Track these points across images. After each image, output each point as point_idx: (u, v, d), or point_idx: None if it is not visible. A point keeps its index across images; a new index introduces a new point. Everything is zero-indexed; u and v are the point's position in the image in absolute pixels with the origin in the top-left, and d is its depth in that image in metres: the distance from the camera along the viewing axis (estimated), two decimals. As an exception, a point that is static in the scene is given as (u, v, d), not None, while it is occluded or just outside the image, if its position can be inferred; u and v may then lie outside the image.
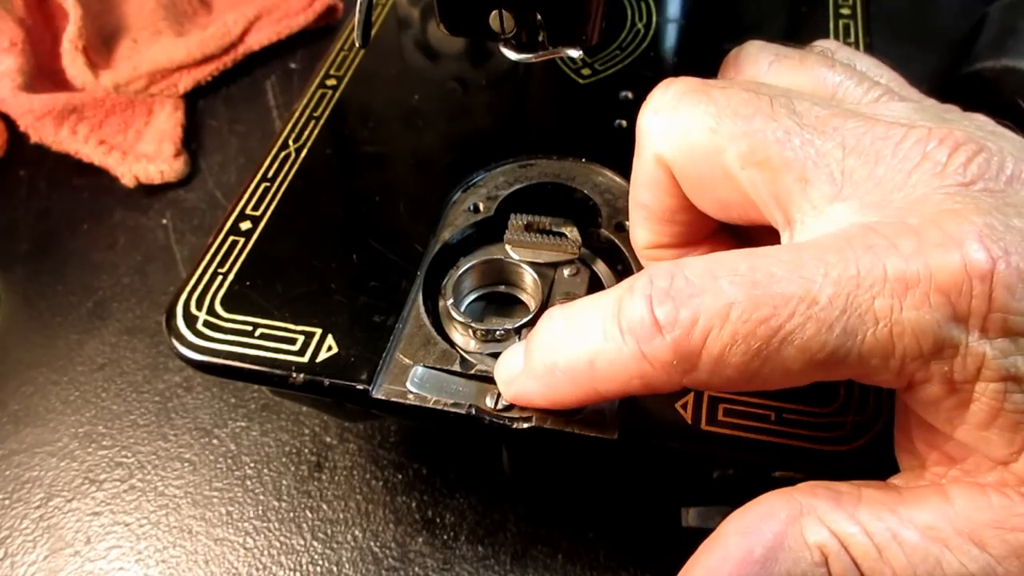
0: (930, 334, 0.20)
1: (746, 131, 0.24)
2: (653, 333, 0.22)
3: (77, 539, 0.37)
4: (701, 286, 0.22)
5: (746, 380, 0.22)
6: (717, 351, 0.21)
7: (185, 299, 0.32)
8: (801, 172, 0.23)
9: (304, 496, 0.37)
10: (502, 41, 0.31)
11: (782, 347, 0.21)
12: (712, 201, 0.26)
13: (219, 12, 0.61)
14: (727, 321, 0.21)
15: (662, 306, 0.22)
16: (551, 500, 0.37)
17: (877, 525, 0.22)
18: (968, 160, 0.22)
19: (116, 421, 0.41)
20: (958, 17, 0.56)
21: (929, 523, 0.22)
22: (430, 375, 0.30)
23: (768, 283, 0.21)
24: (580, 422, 0.28)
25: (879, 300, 0.20)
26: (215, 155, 0.53)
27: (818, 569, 0.22)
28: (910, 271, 0.20)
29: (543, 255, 0.34)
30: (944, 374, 0.21)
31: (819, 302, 0.21)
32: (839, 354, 0.21)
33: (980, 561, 0.21)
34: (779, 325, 0.21)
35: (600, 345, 0.24)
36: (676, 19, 0.45)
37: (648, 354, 0.22)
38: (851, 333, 0.21)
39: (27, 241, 0.49)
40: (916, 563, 0.21)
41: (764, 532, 0.22)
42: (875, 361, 0.21)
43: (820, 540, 0.22)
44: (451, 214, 0.36)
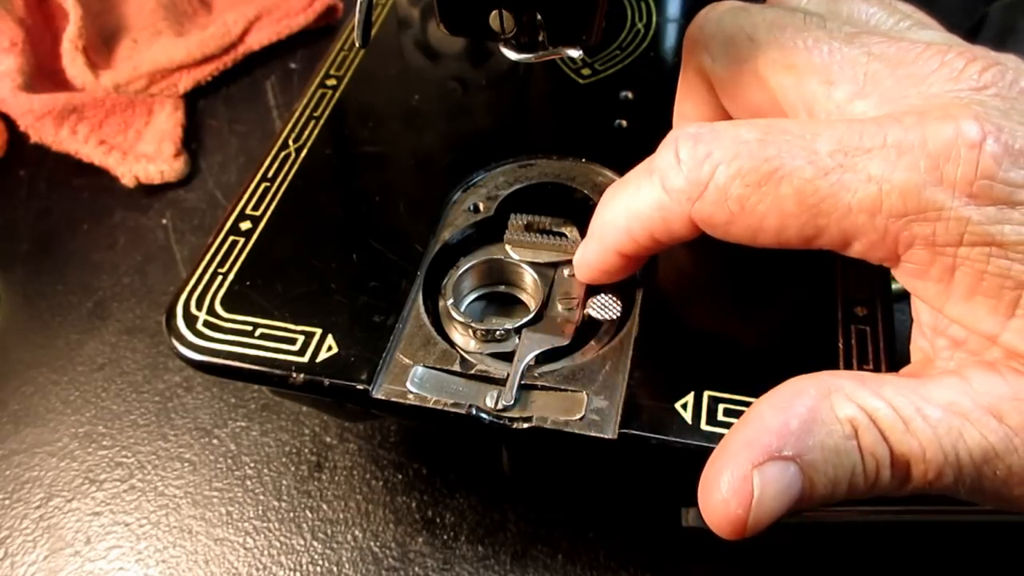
0: (915, 194, 0.22)
1: (779, 40, 0.27)
2: (673, 165, 0.25)
3: (77, 539, 0.37)
4: (722, 132, 0.24)
5: (744, 215, 0.24)
6: (722, 181, 0.24)
7: (185, 299, 0.32)
8: (827, 75, 0.26)
9: (304, 496, 0.37)
10: (502, 41, 0.31)
11: (780, 184, 0.23)
12: (746, 109, 0.29)
13: (219, 12, 0.61)
14: (736, 157, 0.24)
15: (685, 145, 0.25)
16: (551, 500, 0.37)
17: (902, 400, 0.23)
18: (983, 69, 0.24)
19: (116, 421, 0.41)
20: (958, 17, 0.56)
21: (950, 399, 0.23)
22: (430, 375, 0.30)
23: (780, 132, 0.24)
24: (580, 422, 0.28)
25: (874, 162, 0.22)
26: (215, 155, 0.53)
27: (849, 441, 0.22)
28: (906, 139, 0.22)
29: (543, 255, 0.34)
30: (927, 236, 0.22)
31: (820, 153, 0.23)
32: (829, 202, 0.23)
33: (999, 432, 0.22)
34: (781, 163, 0.23)
35: (635, 191, 0.27)
36: (676, 19, 0.45)
37: (666, 185, 0.25)
38: (844, 185, 0.22)
39: (27, 241, 0.49)
40: (941, 435, 0.22)
41: (798, 407, 0.23)
42: (862, 217, 0.22)
43: (850, 414, 0.23)
44: (451, 214, 0.36)
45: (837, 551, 0.35)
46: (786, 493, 0.22)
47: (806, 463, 0.22)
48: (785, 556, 0.35)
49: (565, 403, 0.29)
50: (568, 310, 0.33)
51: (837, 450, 0.22)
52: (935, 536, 0.35)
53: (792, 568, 0.35)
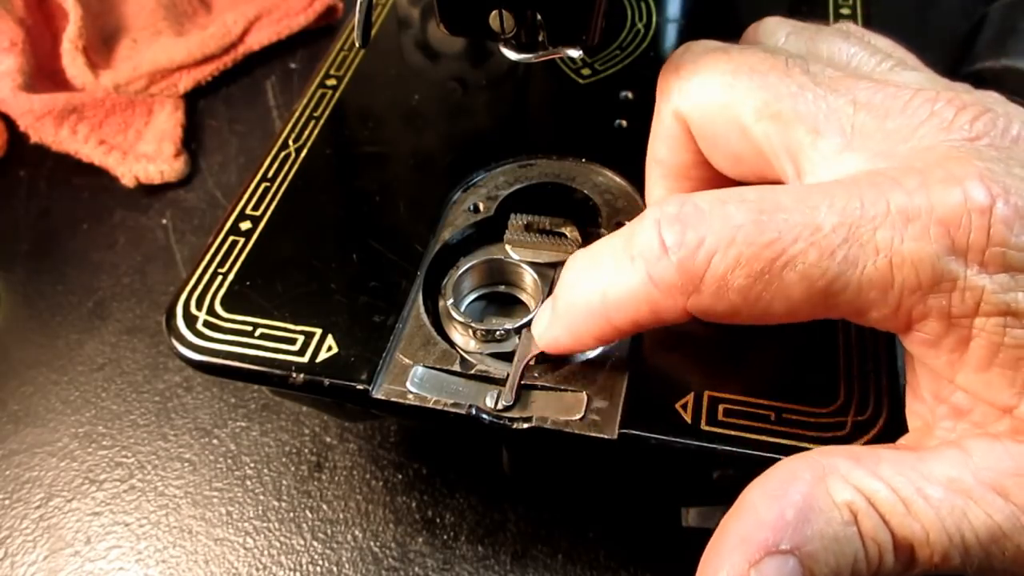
0: (928, 265, 0.21)
1: (761, 85, 0.25)
2: (660, 255, 0.23)
3: (77, 539, 0.37)
4: (709, 211, 0.23)
5: (748, 306, 0.22)
6: (721, 272, 0.22)
7: (185, 299, 0.32)
8: (813, 124, 0.24)
9: (304, 496, 0.37)
10: (502, 41, 0.31)
11: (785, 271, 0.22)
12: (726, 156, 0.27)
13: (219, 12, 0.61)
14: (732, 243, 0.22)
15: (670, 229, 0.23)
16: (551, 500, 0.37)
17: (900, 480, 0.22)
18: (974, 118, 0.23)
19: (116, 421, 0.41)
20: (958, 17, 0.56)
21: (951, 476, 0.22)
22: (430, 375, 0.30)
23: (774, 210, 0.22)
24: (580, 422, 0.28)
25: (881, 231, 0.21)
26: (215, 155, 0.53)
27: (849, 528, 0.21)
28: (912, 205, 0.21)
29: (543, 255, 0.34)
30: (942, 308, 0.21)
31: (823, 229, 0.21)
32: (839, 283, 0.21)
33: (1005, 511, 0.21)
34: (783, 249, 0.21)
35: (612, 274, 0.24)
36: (676, 19, 0.45)
37: (654, 276, 0.23)
38: (852, 262, 0.21)
39: (27, 241, 0.49)
40: (943, 516, 0.21)
41: (792, 494, 0.22)
42: (874, 293, 0.21)
43: (847, 498, 0.22)
44: (451, 214, 0.36)
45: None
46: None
47: (805, 555, 0.21)
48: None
49: (565, 403, 0.29)
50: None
51: (837, 538, 0.21)
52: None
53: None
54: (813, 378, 0.29)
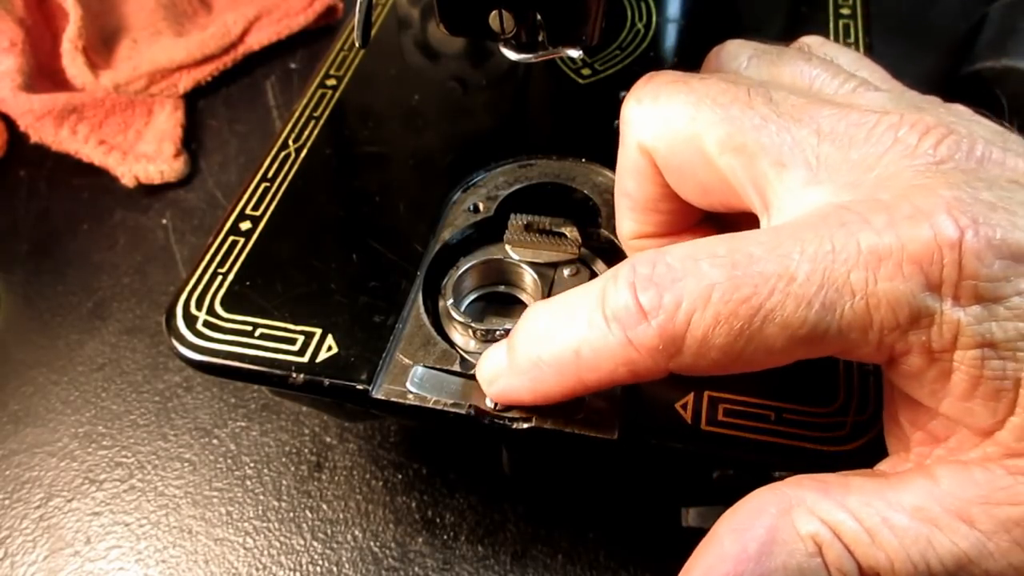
0: (905, 304, 0.21)
1: (724, 118, 0.25)
2: (638, 319, 0.23)
3: (77, 539, 0.37)
4: (683, 270, 0.23)
5: (731, 360, 0.22)
6: (701, 333, 0.22)
7: (185, 299, 0.32)
8: (777, 157, 0.24)
9: (304, 496, 0.37)
10: (502, 41, 0.31)
11: (764, 325, 0.22)
12: (693, 188, 0.27)
13: (219, 12, 0.61)
14: (709, 303, 0.22)
15: (646, 292, 0.23)
16: (551, 500, 0.37)
17: (867, 511, 0.22)
18: (938, 142, 0.23)
19: (116, 421, 0.41)
20: (958, 17, 0.56)
21: (917, 504, 0.22)
22: (430, 375, 0.30)
23: (747, 263, 0.22)
24: (580, 422, 0.28)
25: (854, 273, 0.21)
26: (215, 155, 0.53)
27: (813, 559, 0.22)
28: (883, 244, 0.21)
29: (543, 255, 0.34)
30: (923, 344, 0.21)
31: (797, 279, 0.21)
32: (819, 329, 0.21)
33: (970, 538, 0.21)
34: (760, 304, 0.22)
35: (585, 334, 0.24)
36: (676, 19, 0.45)
37: (634, 340, 0.23)
38: (829, 307, 0.21)
39: (27, 241, 0.49)
40: (908, 545, 0.21)
41: (756, 528, 0.22)
42: (854, 335, 0.21)
43: (812, 530, 0.22)
44: (451, 214, 0.36)
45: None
46: None
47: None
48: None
49: (565, 403, 0.29)
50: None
51: (801, 570, 0.22)
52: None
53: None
54: (813, 378, 0.29)
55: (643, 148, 0.28)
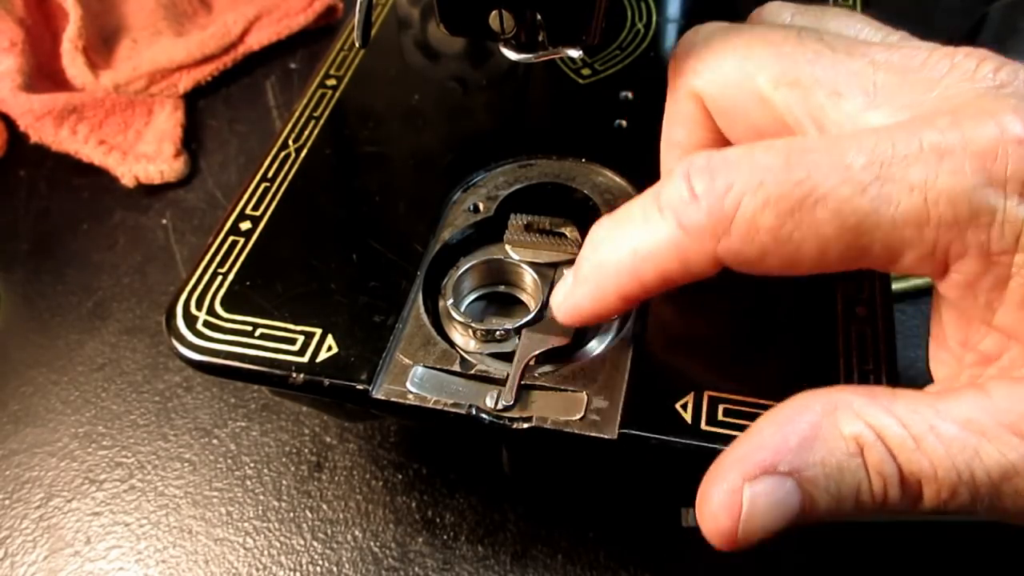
0: (965, 199, 0.20)
1: (777, 55, 0.25)
2: (690, 202, 0.23)
3: (77, 539, 0.37)
4: (737, 159, 0.22)
5: (779, 246, 0.22)
6: (750, 213, 0.22)
7: (185, 299, 0.32)
8: (833, 87, 0.24)
9: (304, 496, 0.37)
10: (502, 41, 0.31)
11: (816, 208, 0.21)
12: (746, 130, 0.27)
13: (219, 12, 0.61)
14: (761, 185, 0.22)
15: (699, 178, 0.23)
16: (551, 500, 0.37)
17: (914, 418, 0.22)
18: (996, 69, 0.23)
19: (116, 421, 0.41)
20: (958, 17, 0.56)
21: (967, 416, 0.21)
22: (430, 375, 0.30)
23: (803, 152, 0.22)
24: (580, 422, 0.28)
25: (914, 168, 0.21)
26: (215, 155, 0.53)
27: (853, 459, 0.22)
28: (945, 141, 0.21)
29: (543, 255, 0.34)
30: (981, 245, 0.21)
31: (853, 168, 0.21)
32: (872, 220, 0.21)
33: (1020, 450, 0.21)
34: (813, 187, 0.21)
35: (641, 229, 0.24)
36: (676, 19, 0.45)
37: (684, 223, 0.23)
38: (885, 199, 0.21)
39: (27, 241, 0.49)
40: (954, 454, 0.21)
41: (799, 423, 0.22)
42: (908, 231, 0.21)
43: (856, 431, 0.22)
44: (451, 214, 0.36)
45: (837, 551, 0.35)
46: (780, 508, 0.22)
47: (805, 479, 0.22)
48: (785, 556, 0.35)
49: (565, 403, 0.29)
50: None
51: (840, 468, 0.22)
52: (935, 536, 0.35)
53: (792, 568, 0.35)
54: (813, 378, 0.28)
55: (694, 94, 0.28)
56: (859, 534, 0.35)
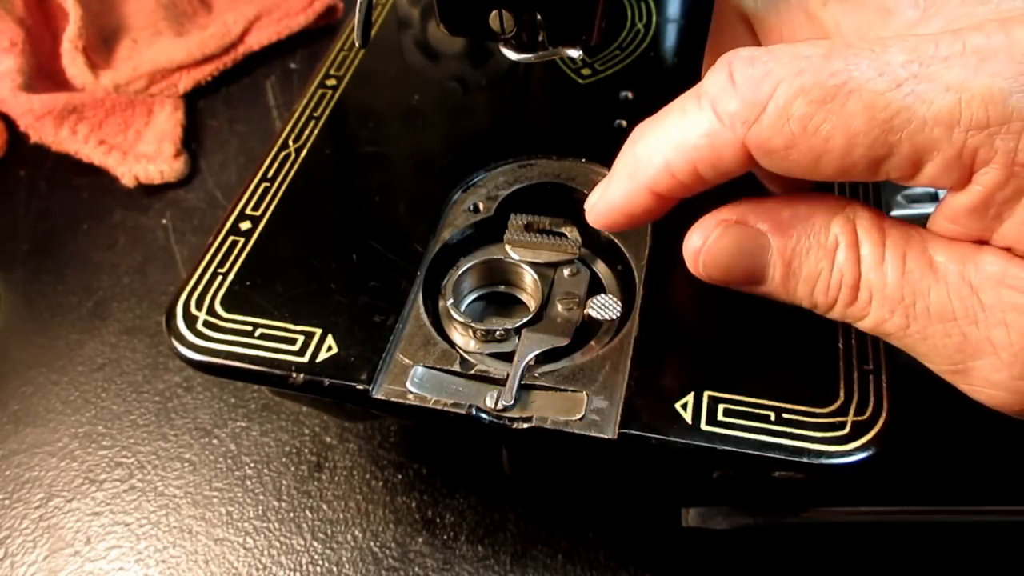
0: (1001, 101, 0.20)
1: None
2: (727, 87, 0.23)
3: (77, 539, 0.37)
4: (780, 52, 0.22)
5: (807, 138, 0.22)
6: (784, 100, 0.22)
7: (185, 299, 0.32)
8: (883, 3, 0.24)
9: (304, 496, 0.37)
10: (502, 41, 0.31)
11: (848, 100, 0.21)
12: None
13: (219, 12, 0.61)
14: (799, 73, 0.22)
15: (740, 66, 0.23)
16: (551, 500, 0.37)
17: (895, 241, 0.23)
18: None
19: (116, 421, 0.41)
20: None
21: (941, 260, 0.23)
22: (430, 375, 0.30)
23: (845, 47, 0.22)
24: (580, 422, 0.28)
25: (954, 69, 0.20)
26: (215, 155, 0.53)
27: (823, 248, 0.24)
28: (989, 45, 0.20)
29: (543, 255, 0.34)
30: (1008, 152, 0.20)
31: (892, 64, 0.21)
32: (903, 116, 0.21)
33: (967, 302, 0.22)
34: (848, 77, 0.21)
35: (678, 120, 0.24)
36: (676, 19, 0.45)
37: (718, 108, 0.23)
38: (919, 96, 0.21)
39: (27, 241, 0.49)
40: (910, 282, 0.23)
41: (801, 204, 0.25)
42: (938, 130, 0.21)
43: (839, 231, 0.24)
44: (451, 214, 0.36)
45: (837, 551, 0.35)
46: (743, 255, 0.25)
47: (777, 243, 0.25)
48: (785, 556, 0.35)
49: (565, 403, 0.29)
50: (568, 310, 0.32)
51: (810, 249, 0.24)
52: (935, 536, 0.35)
53: (792, 568, 0.35)
54: (813, 378, 0.29)
55: (741, 13, 0.28)
56: (859, 534, 0.35)
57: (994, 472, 0.37)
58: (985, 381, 0.23)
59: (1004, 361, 0.22)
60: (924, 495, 0.35)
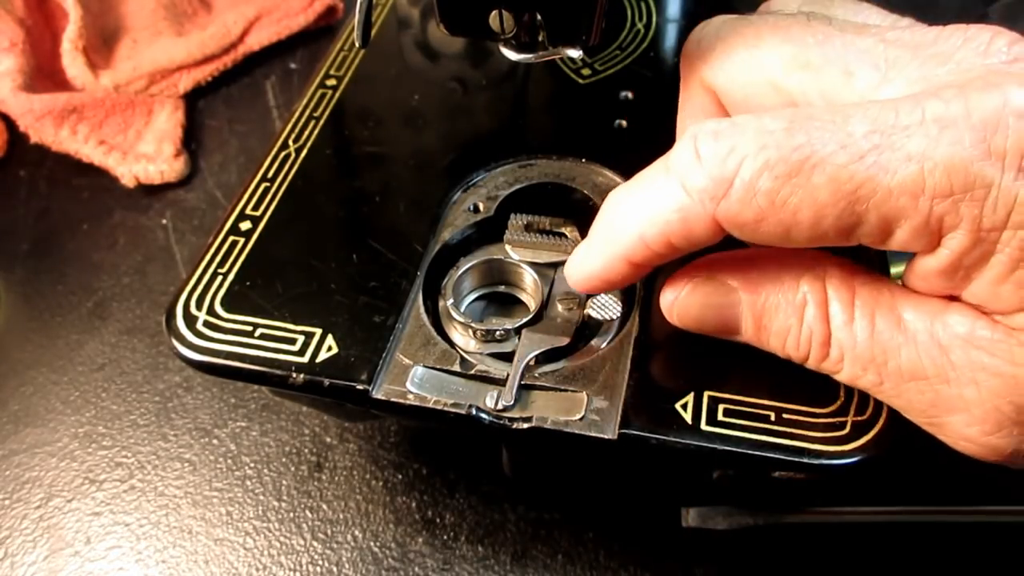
0: (962, 170, 0.20)
1: (786, 39, 0.26)
2: (694, 163, 0.23)
3: (77, 539, 0.37)
4: (743, 125, 0.23)
5: (776, 211, 0.22)
6: (750, 176, 0.22)
7: (185, 299, 0.32)
8: (844, 67, 0.24)
9: (304, 496, 0.37)
10: (502, 41, 0.31)
11: (813, 173, 0.22)
12: None
13: (219, 12, 0.61)
14: (763, 149, 0.22)
15: (705, 141, 0.23)
16: (551, 500, 0.37)
17: (864, 300, 0.24)
18: (1012, 42, 0.23)
19: (116, 421, 0.41)
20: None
21: (909, 318, 0.23)
22: (430, 375, 0.30)
23: (807, 119, 0.22)
24: (580, 422, 0.28)
25: (914, 139, 0.21)
26: (215, 155, 0.53)
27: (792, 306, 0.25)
28: (948, 113, 0.21)
29: (543, 255, 0.34)
30: (973, 219, 0.21)
31: (854, 136, 0.21)
32: (868, 187, 0.21)
33: (938, 361, 0.23)
34: (812, 152, 0.22)
35: (649, 193, 0.25)
36: (676, 19, 0.45)
37: (686, 184, 0.24)
38: (883, 167, 0.21)
39: (27, 241, 0.49)
40: (879, 342, 0.23)
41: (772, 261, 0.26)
42: (904, 199, 0.21)
43: (808, 290, 0.25)
44: (451, 214, 0.36)
45: (837, 551, 0.35)
46: (714, 305, 0.26)
47: (747, 299, 0.26)
48: (785, 556, 0.35)
49: (565, 403, 0.29)
50: (568, 310, 0.32)
51: (779, 306, 0.25)
52: (935, 536, 0.35)
53: (792, 568, 0.35)
54: (813, 378, 0.28)
55: (707, 86, 0.28)
56: (859, 534, 0.35)
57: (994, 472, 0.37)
58: (959, 435, 0.24)
59: (976, 417, 0.23)
60: (924, 495, 0.35)
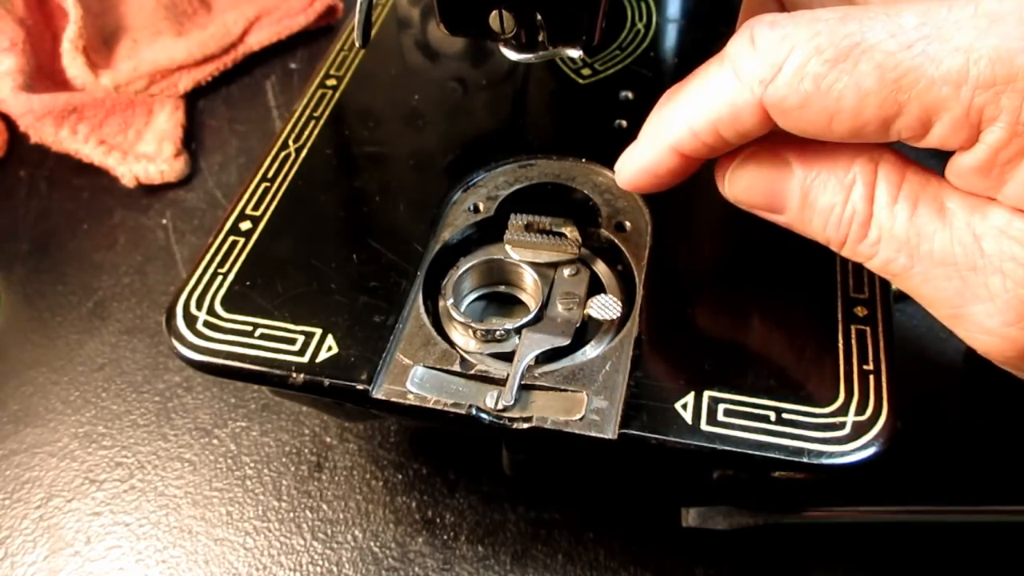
0: (1007, 60, 0.21)
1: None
2: (748, 49, 0.24)
3: (77, 539, 0.37)
4: (800, 16, 0.23)
5: (820, 96, 0.23)
6: (800, 60, 0.23)
7: (185, 299, 0.32)
8: None
9: (304, 496, 0.37)
10: (502, 41, 0.31)
11: (860, 60, 0.22)
12: None
13: (219, 12, 0.61)
14: (815, 36, 0.23)
15: (761, 30, 0.24)
16: (551, 500, 0.37)
17: (912, 183, 0.24)
18: None
19: (116, 421, 0.41)
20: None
21: (951, 207, 0.24)
22: (430, 375, 0.30)
23: (861, 11, 0.23)
24: (580, 422, 0.28)
25: (964, 31, 0.21)
26: (215, 155, 0.53)
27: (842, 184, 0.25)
28: (1001, 8, 0.21)
29: (543, 255, 0.34)
30: (1013, 111, 0.21)
31: (904, 27, 0.22)
32: (912, 76, 0.22)
33: (968, 249, 0.23)
34: (861, 38, 0.22)
35: (702, 82, 0.25)
36: (676, 19, 0.45)
37: (738, 68, 0.24)
38: (929, 57, 0.21)
39: (27, 241, 0.49)
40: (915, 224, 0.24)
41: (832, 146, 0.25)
42: (946, 88, 0.21)
43: (860, 170, 0.25)
44: (451, 214, 0.36)
45: (837, 551, 0.35)
46: (768, 175, 0.26)
47: (799, 173, 0.26)
48: (785, 556, 0.35)
49: (565, 403, 0.29)
50: (568, 310, 0.32)
51: (828, 182, 0.25)
52: (935, 536, 0.35)
53: (792, 568, 0.35)
54: (813, 378, 0.29)
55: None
56: (859, 534, 0.35)
57: (994, 472, 0.37)
58: (979, 327, 0.24)
59: (998, 308, 0.23)
60: (924, 495, 0.35)
